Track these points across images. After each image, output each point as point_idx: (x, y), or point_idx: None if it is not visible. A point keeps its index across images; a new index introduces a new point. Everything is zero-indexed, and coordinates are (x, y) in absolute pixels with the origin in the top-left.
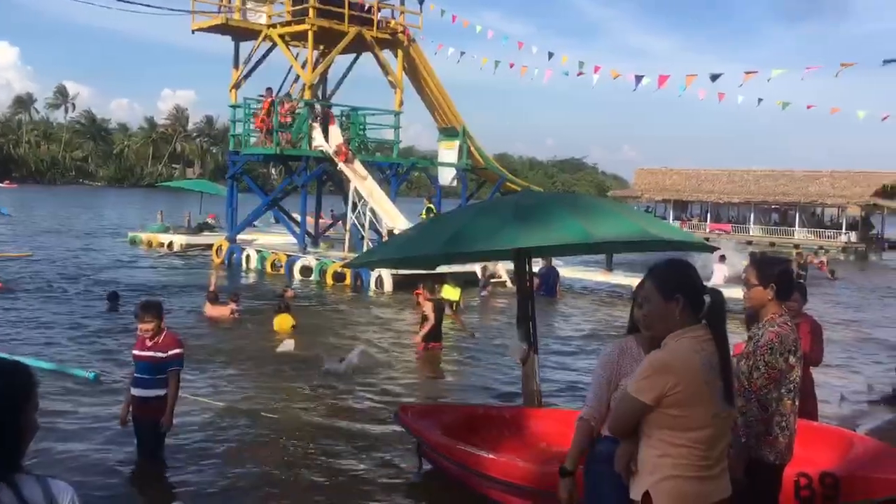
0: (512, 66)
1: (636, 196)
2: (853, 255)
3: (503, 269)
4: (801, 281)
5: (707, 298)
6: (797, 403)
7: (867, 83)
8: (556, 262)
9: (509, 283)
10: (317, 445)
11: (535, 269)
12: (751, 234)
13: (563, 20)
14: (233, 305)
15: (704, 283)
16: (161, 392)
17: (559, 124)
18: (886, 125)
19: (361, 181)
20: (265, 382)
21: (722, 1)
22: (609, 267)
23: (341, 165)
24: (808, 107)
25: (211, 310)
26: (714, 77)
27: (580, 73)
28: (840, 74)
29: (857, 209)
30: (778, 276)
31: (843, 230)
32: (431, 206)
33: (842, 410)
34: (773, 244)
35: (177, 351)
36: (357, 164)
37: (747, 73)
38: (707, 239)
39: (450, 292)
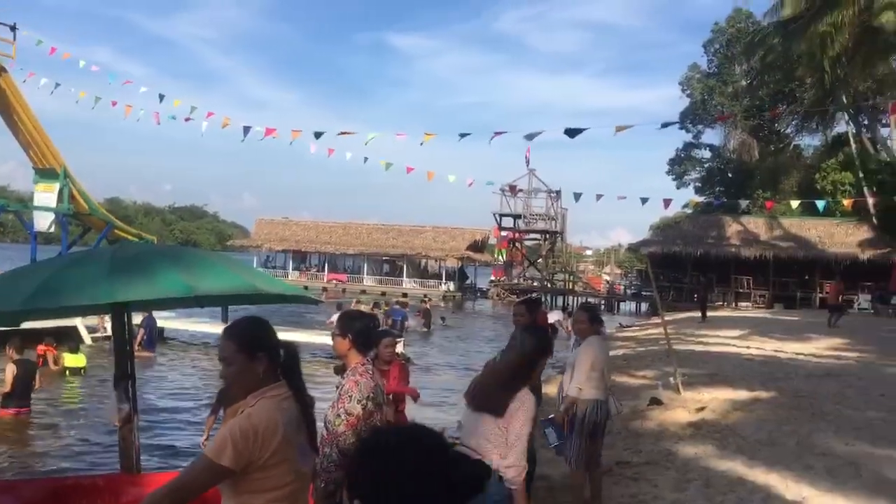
0: (115, 104)
1: (257, 245)
2: (451, 302)
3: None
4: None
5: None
6: None
7: (461, 148)
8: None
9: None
10: None
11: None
12: (365, 283)
13: (183, 66)
14: None
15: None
16: None
17: (178, 170)
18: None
19: None
20: None
21: (340, 64)
22: (225, 318)
23: None
24: (409, 170)
25: None
26: (318, 134)
27: (188, 119)
28: (425, 143)
29: (454, 261)
30: (357, 329)
31: (444, 280)
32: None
33: None
34: (384, 293)
35: None
36: None
37: (343, 132)
38: (325, 289)
39: (74, 360)
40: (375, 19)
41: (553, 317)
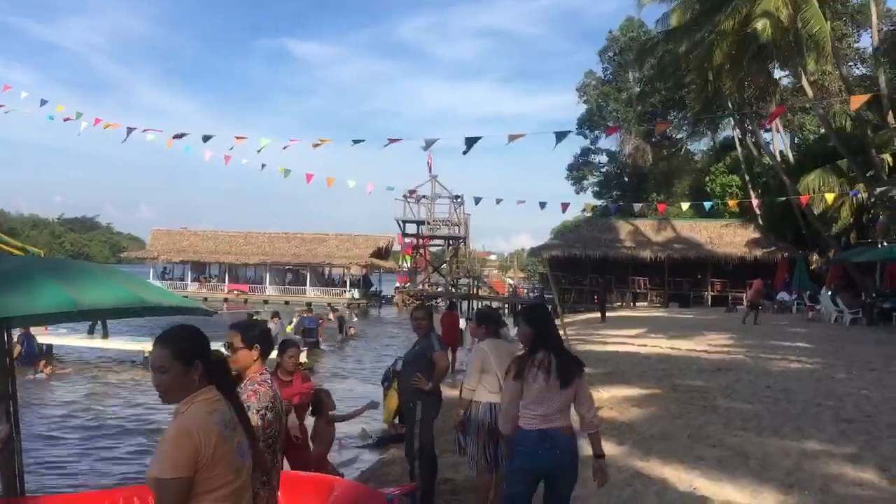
0: None
1: (153, 257)
2: (357, 310)
3: None
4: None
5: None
6: (279, 458)
7: (363, 155)
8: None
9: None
10: None
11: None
12: (267, 293)
13: (73, 73)
14: None
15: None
16: None
17: (68, 180)
18: (376, 196)
19: None
20: None
21: (239, 72)
22: (105, 334)
23: None
24: (308, 176)
25: None
26: (206, 138)
27: (67, 119)
28: (326, 152)
29: (358, 269)
30: (259, 336)
31: (348, 288)
32: None
33: (340, 457)
34: (287, 302)
35: None
36: None
37: (238, 137)
38: (226, 299)
39: None
40: (274, 27)
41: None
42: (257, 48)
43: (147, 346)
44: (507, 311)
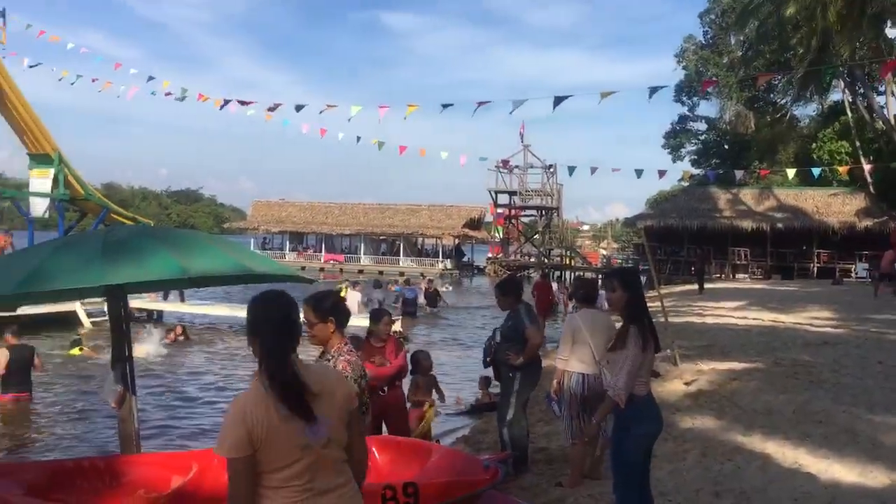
0: (95, 80)
1: (254, 228)
2: (449, 280)
3: None
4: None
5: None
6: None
7: (454, 125)
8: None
9: None
10: None
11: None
12: (362, 263)
13: (175, 49)
14: None
15: None
16: None
17: (173, 154)
18: (468, 167)
19: None
20: None
21: (332, 44)
22: (182, 298)
23: None
24: (402, 149)
25: None
26: (299, 108)
27: (168, 94)
28: (408, 116)
29: (451, 239)
30: (331, 309)
31: (441, 258)
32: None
33: (436, 424)
34: (381, 272)
35: None
36: None
37: (329, 105)
38: (322, 269)
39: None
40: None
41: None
42: (351, 20)
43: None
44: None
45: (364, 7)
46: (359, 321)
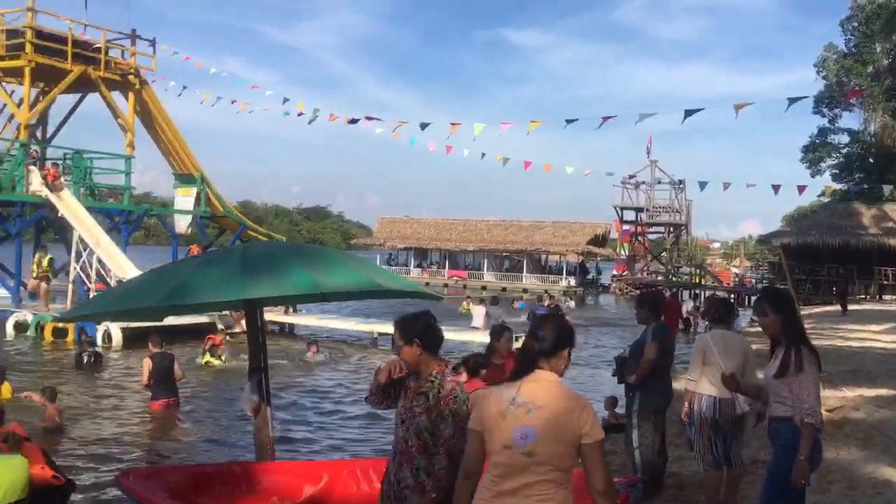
0: (233, 102)
1: (379, 244)
2: (573, 297)
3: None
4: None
5: None
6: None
7: (578, 141)
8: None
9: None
10: None
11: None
12: (485, 279)
13: (307, 72)
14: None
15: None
16: None
17: (304, 172)
18: (592, 183)
19: (84, 227)
20: None
21: (456, 63)
22: (295, 309)
23: (62, 209)
24: (526, 164)
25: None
26: (423, 126)
27: (300, 114)
28: (531, 132)
29: (575, 256)
30: (419, 331)
31: (564, 275)
32: None
33: None
34: (504, 289)
35: None
36: (68, 194)
37: (453, 124)
38: (446, 285)
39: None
40: (490, 17)
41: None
42: (474, 39)
43: (377, 327)
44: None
45: (488, 26)
46: (483, 337)
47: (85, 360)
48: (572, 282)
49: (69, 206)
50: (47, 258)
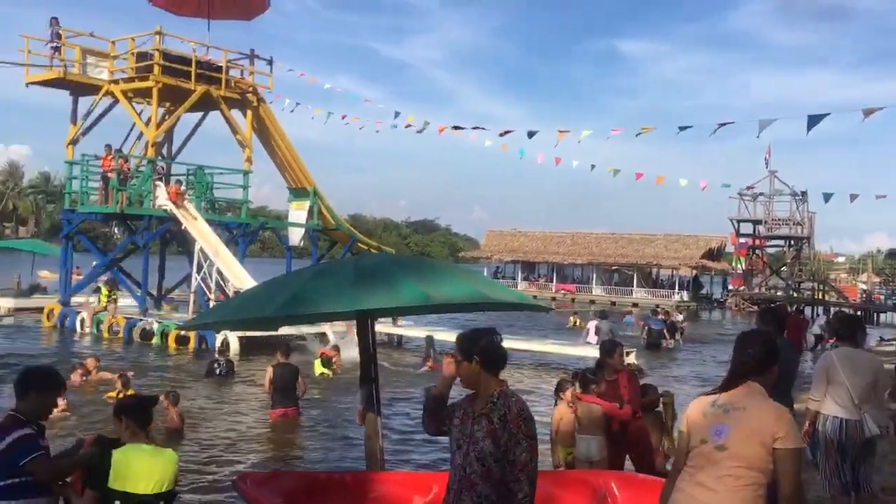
0: (343, 117)
1: (487, 257)
2: (686, 312)
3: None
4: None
5: None
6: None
7: (691, 152)
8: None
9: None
10: None
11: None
12: (593, 293)
13: (415, 87)
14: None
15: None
16: None
17: (412, 185)
18: (707, 195)
19: (205, 239)
20: None
21: (563, 74)
22: (395, 322)
23: (185, 223)
24: (638, 176)
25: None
26: (531, 134)
27: (408, 125)
28: (642, 142)
29: (688, 270)
30: (479, 349)
31: (677, 290)
32: None
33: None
34: (613, 303)
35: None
36: (191, 208)
37: (560, 131)
38: (554, 298)
39: (321, 369)
40: (601, 28)
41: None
42: (583, 50)
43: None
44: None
45: (598, 36)
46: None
47: (217, 371)
48: (685, 296)
49: (192, 219)
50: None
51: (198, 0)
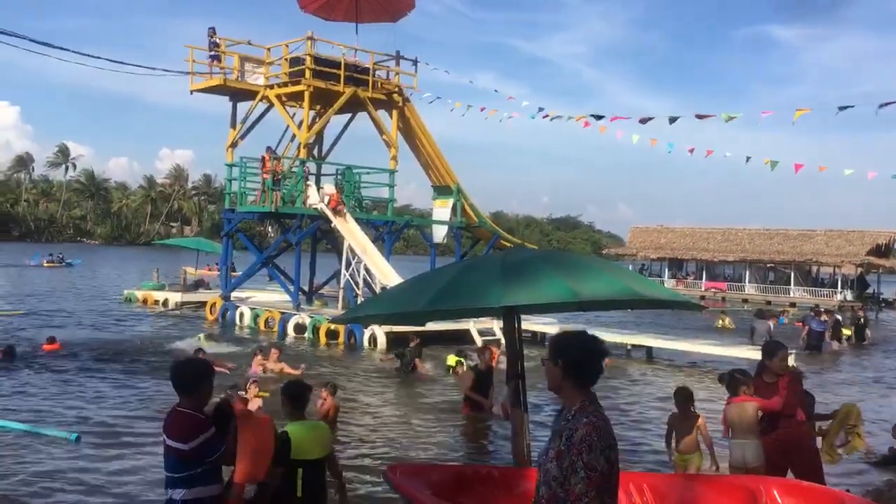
0: (483, 109)
1: (632, 254)
2: (850, 313)
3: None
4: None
5: None
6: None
7: (853, 142)
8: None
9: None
10: None
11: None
12: (746, 292)
13: (557, 82)
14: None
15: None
16: None
17: (554, 182)
18: (874, 183)
19: (353, 237)
20: None
21: (711, 64)
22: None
23: (335, 221)
24: (797, 167)
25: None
26: (672, 120)
27: (546, 116)
28: (795, 127)
29: (852, 268)
30: (570, 353)
31: (839, 289)
32: None
33: (838, 469)
34: (769, 302)
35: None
36: (347, 216)
37: (699, 116)
38: (703, 297)
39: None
40: (752, 14)
41: None
42: (734, 38)
43: (629, 338)
44: None
45: (749, 23)
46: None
47: (401, 367)
48: (848, 295)
49: (342, 219)
50: None
51: (346, 5)
